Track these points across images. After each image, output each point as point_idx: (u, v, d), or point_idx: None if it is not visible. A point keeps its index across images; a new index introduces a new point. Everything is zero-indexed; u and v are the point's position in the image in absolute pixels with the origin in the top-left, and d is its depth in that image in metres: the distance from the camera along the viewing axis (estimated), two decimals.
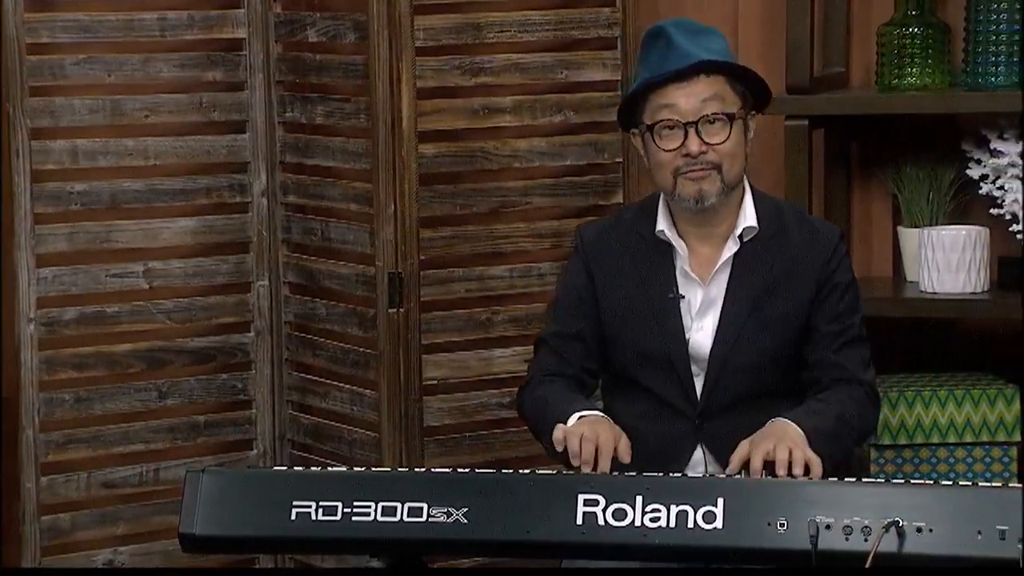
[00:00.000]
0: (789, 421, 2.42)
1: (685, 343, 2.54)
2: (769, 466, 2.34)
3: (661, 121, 2.49)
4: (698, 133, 2.48)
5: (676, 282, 2.55)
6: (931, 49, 3.10)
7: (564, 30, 3.21)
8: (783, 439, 2.36)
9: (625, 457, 2.39)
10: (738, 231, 2.55)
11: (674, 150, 2.49)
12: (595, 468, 2.35)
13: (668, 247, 2.56)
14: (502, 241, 3.21)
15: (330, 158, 3.24)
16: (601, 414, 2.47)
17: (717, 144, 2.49)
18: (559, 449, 2.40)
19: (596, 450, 2.37)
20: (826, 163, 3.25)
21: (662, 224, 2.56)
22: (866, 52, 3.23)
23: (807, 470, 2.34)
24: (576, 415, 2.44)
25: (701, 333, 2.54)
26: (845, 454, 2.52)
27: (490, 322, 3.21)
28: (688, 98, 2.48)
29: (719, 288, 2.55)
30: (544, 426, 2.48)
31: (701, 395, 2.54)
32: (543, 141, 3.22)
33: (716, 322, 2.54)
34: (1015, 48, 3.01)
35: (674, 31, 2.51)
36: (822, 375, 2.54)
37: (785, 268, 2.55)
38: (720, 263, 2.55)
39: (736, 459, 2.37)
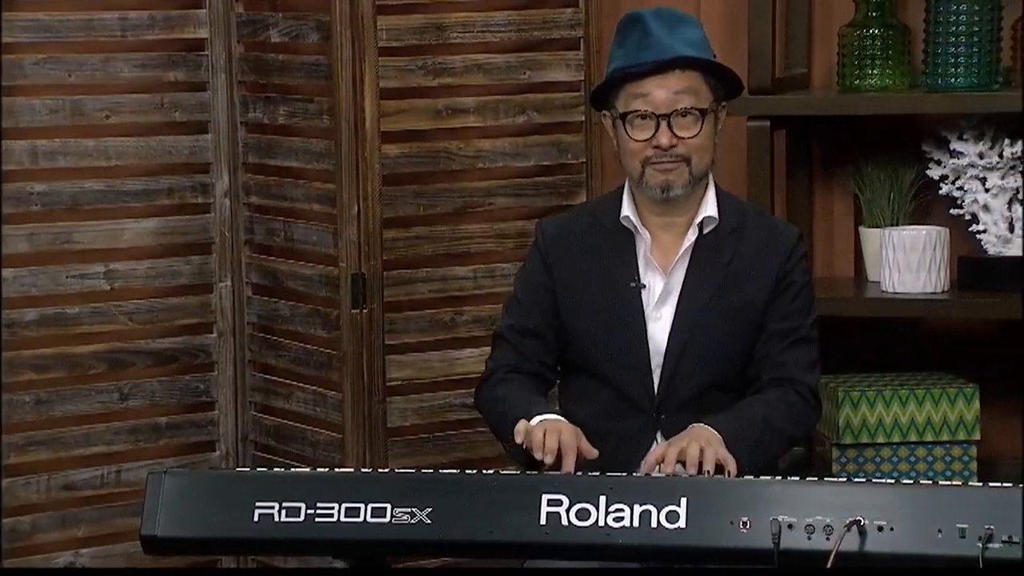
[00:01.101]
0: (707, 426, 2.43)
1: (644, 333, 2.55)
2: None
3: (635, 111, 2.51)
4: (670, 126, 2.49)
5: (638, 270, 2.56)
6: (891, 50, 3.12)
7: (527, 31, 3.22)
8: (697, 439, 2.37)
9: (590, 454, 2.40)
10: (698, 219, 2.56)
11: (645, 140, 2.51)
12: (560, 467, 2.36)
13: (631, 235, 2.57)
14: (466, 241, 3.21)
15: (293, 159, 3.23)
16: (561, 417, 2.48)
17: (688, 138, 2.50)
18: (519, 440, 2.40)
19: (560, 448, 2.37)
20: (788, 163, 3.26)
21: (627, 210, 2.57)
22: (827, 53, 3.25)
23: (721, 470, 2.35)
24: (537, 418, 2.44)
25: (659, 323, 2.55)
26: (772, 458, 2.52)
27: (454, 322, 3.20)
28: (663, 90, 2.50)
29: (678, 278, 2.56)
30: (504, 428, 2.49)
31: (658, 387, 2.55)
32: (507, 142, 3.22)
33: (674, 312, 2.55)
34: (974, 50, 3.03)
35: (652, 20, 2.52)
36: (762, 373, 2.55)
37: (743, 263, 2.56)
38: (681, 252, 2.56)
39: (651, 459, 2.38)
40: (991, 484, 2.19)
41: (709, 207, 2.56)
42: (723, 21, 3.31)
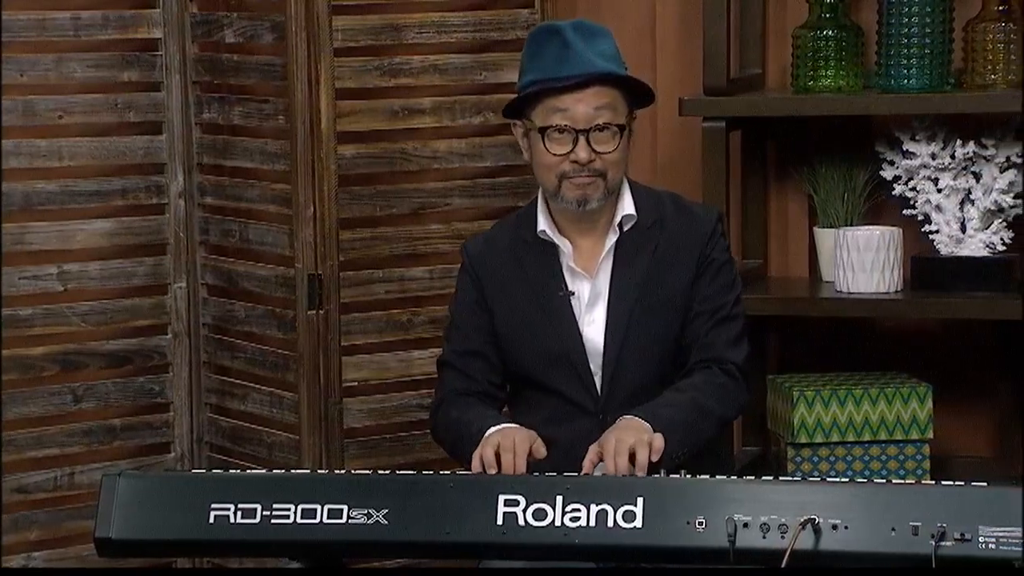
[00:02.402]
0: (635, 417, 2.44)
1: (580, 339, 2.56)
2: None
3: (553, 126, 2.51)
4: (588, 141, 2.50)
5: (564, 280, 2.57)
6: (845, 52, 3.14)
7: (483, 31, 3.22)
8: (625, 432, 2.38)
9: (540, 453, 2.41)
10: (617, 219, 2.57)
11: (563, 155, 2.51)
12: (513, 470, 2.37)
13: (552, 247, 2.59)
14: (421, 242, 3.21)
15: (248, 159, 3.22)
16: (514, 424, 2.48)
17: (605, 153, 2.51)
18: (475, 466, 2.40)
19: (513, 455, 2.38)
20: (743, 164, 3.28)
21: (543, 224, 2.59)
22: (782, 54, 3.27)
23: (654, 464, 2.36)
24: (491, 429, 2.46)
25: (593, 326, 2.57)
26: (704, 441, 2.52)
27: (410, 323, 3.20)
28: (582, 105, 2.50)
29: (604, 280, 2.57)
30: (462, 447, 2.50)
31: (600, 389, 2.56)
32: (462, 142, 3.22)
33: (606, 314, 2.56)
34: (927, 51, 3.05)
35: (571, 32, 2.52)
36: (692, 355, 2.56)
37: (666, 253, 2.57)
38: (603, 254, 2.57)
39: (586, 463, 2.39)
40: (944, 482, 2.21)
41: (626, 206, 2.58)
42: (678, 25, 3.32)
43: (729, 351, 2.56)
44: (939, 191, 3.14)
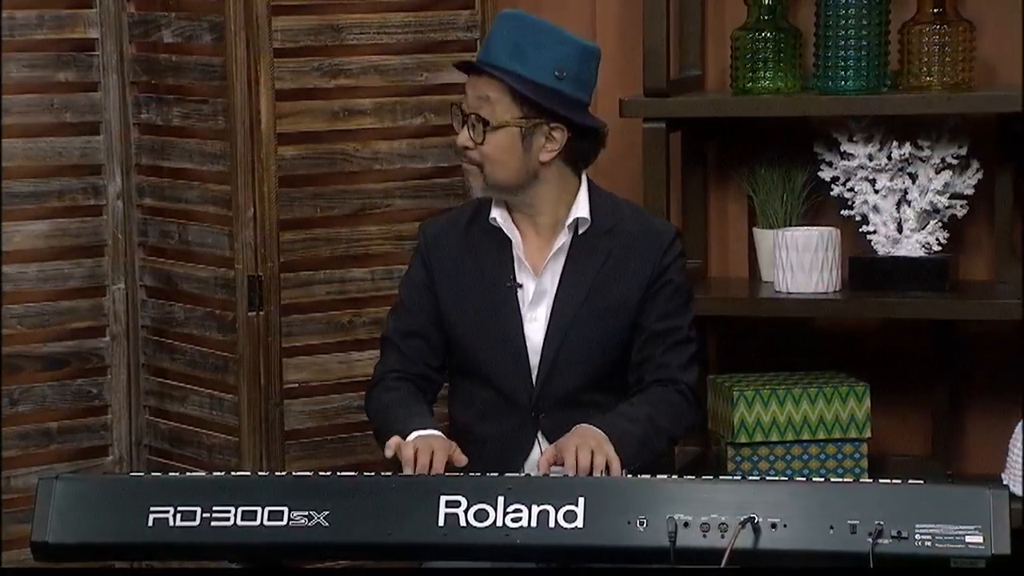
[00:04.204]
0: (592, 426, 2.45)
1: (521, 333, 2.57)
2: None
3: (455, 103, 2.57)
4: (470, 128, 2.53)
5: (513, 269, 2.58)
6: (783, 53, 3.16)
7: (423, 32, 3.21)
8: (585, 441, 2.40)
9: (460, 461, 2.42)
10: (569, 220, 2.57)
11: (456, 135, 2.57)
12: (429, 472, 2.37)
13: (506, 235, 2.59)
14: (363, 243, 3.20)
15: (187, 160, 3.20)
16: (436, 432, 2.49)
17: (478, 144, 2.53)
18: (388, 455, 2.41)
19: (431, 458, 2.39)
20: (683, 165, 3.29)
21: (495, 212, 2.59)
22: (721, 56, 3.29)
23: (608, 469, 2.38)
24: (413, 434, 2.46)
25: (535, 324, 2.58)
26: (656, 456, 2.55)
27: (352, 325, 3.19)
28: (472, 91, 2.55)
29: (552, 279, 2.58)
30: (384, 437, 2.50)
31: (536, 387, 2.56)
32: (404, 143, 3.22)
33: (548, 313, 2.57)
34: (863, 53, 3.08)
35: (507, 24, 2.54)
36: (645, 374, 2.58)
37: (618, 262, 2.58)
38: (551, 254, 2.58)
39: (543, 463, 2.40)
40: (881, 480, 2.23)
41: (580, 208, 2.58)
42: (618, 26, 3.33)
43: (683, 373, 2.58)
44: (876, 192, 3.17)
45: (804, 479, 2.37)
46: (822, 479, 2.46)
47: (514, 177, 2.55)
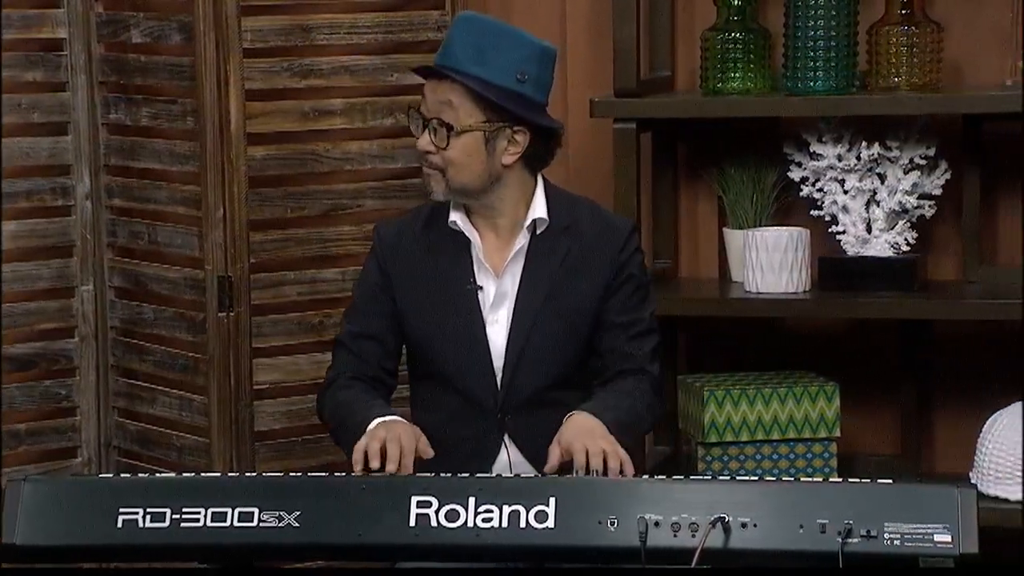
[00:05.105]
0: (588, 414, 2.45)
1: (484, 335, 2.57)
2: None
3: (413, 107, 2.55)
4: (432, 133, 2.52)
5: (473, 272, 2.58)
6: (753, 54, 3.17)
7: (394, 33, 3.21)
8: (593, 436, 2.38)
9: (426, 453, 2.40)
10: (527, 222, 2.58)
11: (417, 139, 2.55)
12: (398, 469, 2.35)
13: (465, 238, 2.59)
14: (333, 244, 3.20)
15: (156, 161, 3.19)
16: (399, 417, 2.47)
17: (441, 149, 2.52)
18: (358, 470, 2.37)
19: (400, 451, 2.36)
20: (653, 165, 3.30)
21: (455, 215, 2.59)
22: (691, 56, 3.30)
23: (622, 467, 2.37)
24: (376, 420, 2.44)
25: (496, 326, 2.57)
26: (637, 442, 2.55)
27: (322, 325, 3.19)
28: (432, 95, 2.54)
29: (512, 280, 2.58)
30: (345, 434, 2.48)
31: (500, 389, 2.56)
32: (374, 144, 3.22)
33: (510, 315, 2.57)
34: (832, 54, 3.10)
35: (465, 27, 2.54)
36: (611, 364, 2.58)
37: (578, 259, 2.58)
38: (511, 256, 2.58)
39: (554, 462, 2.39)
40: (850, 480, 2.24)
41: (538, 208, 2.58)
42: (588, 27, 3.33)
43: (649, 364, 2.59)
44: (845, 192, 3.18)
45: (774, 479, 2.38)
46: (792, 479, 2.47)
47: (477, 181, 2.54)
